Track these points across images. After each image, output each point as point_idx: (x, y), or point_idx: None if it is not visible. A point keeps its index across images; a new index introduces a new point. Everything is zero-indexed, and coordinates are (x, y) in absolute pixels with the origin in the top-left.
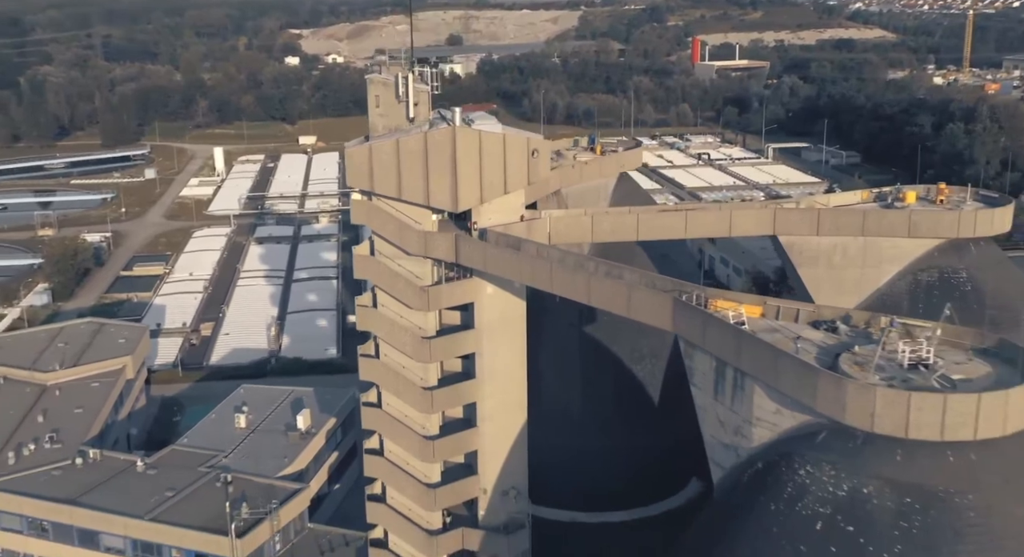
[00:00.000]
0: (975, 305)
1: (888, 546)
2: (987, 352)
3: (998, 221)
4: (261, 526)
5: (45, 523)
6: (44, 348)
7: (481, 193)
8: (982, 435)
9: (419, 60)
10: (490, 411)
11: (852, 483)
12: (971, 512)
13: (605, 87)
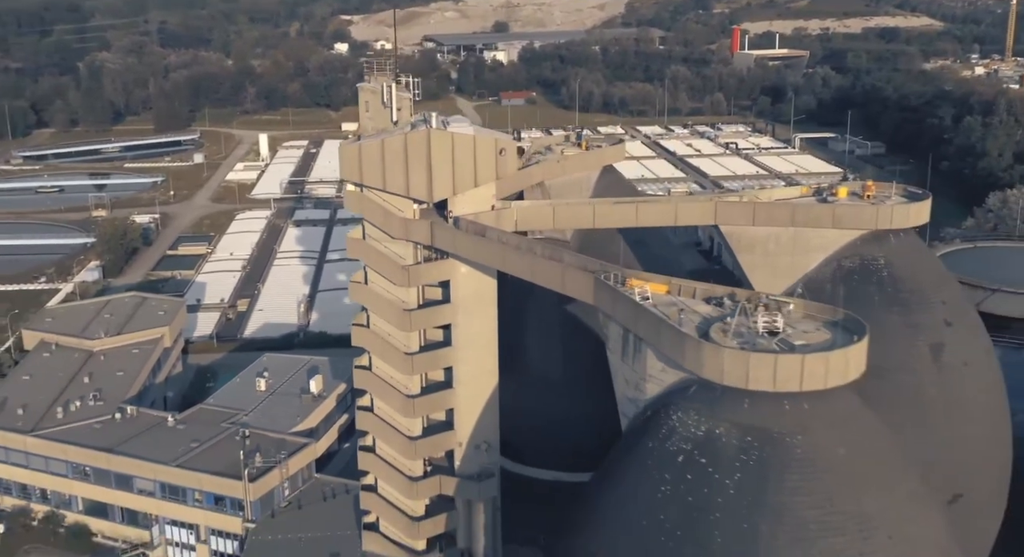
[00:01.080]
0: (889, 289)
1: (731, 474)
2: (836, 324)
3: (914, 214)
4: (271, 473)
5: (87, 468)
6: (92, 318)
7: (454, 186)
8: (807, 388)
9: (464, 47)
10: (465, 375)
11: (708, 426)
12: (798, 449)
13: (644, 76)
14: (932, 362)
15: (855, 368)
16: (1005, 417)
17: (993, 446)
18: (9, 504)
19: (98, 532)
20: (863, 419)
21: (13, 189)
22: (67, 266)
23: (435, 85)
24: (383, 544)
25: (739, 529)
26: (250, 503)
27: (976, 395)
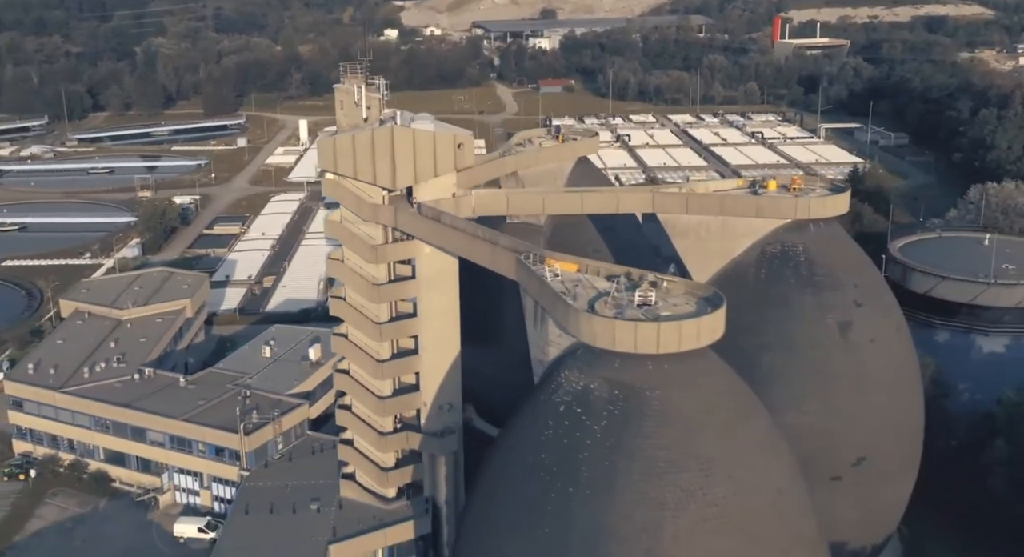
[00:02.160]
0: (805, 272)
1: (599, 421)
2: (705, 298)
3: (831, 205)
4: (265, 429)
5: (107, 421)
6: (122, 290)
7: (415, 175)
8: (663, 350)
9: (511, 34)
10: (428, 343)
11: (586, 381)
12: (655, 401)
13: (683, 64)
14: (840, 338)
15: (708, 334)
16: (914, 389)
17: (898, 415)
18: (40, 453)
19: (116, 478)
20: (716, 377)
21: (66, 170)
22: (110, 243)
23: (476, 72)
24: (358, 491)
25: (601, 466)
26: (245, 454)
27: (882, 369)
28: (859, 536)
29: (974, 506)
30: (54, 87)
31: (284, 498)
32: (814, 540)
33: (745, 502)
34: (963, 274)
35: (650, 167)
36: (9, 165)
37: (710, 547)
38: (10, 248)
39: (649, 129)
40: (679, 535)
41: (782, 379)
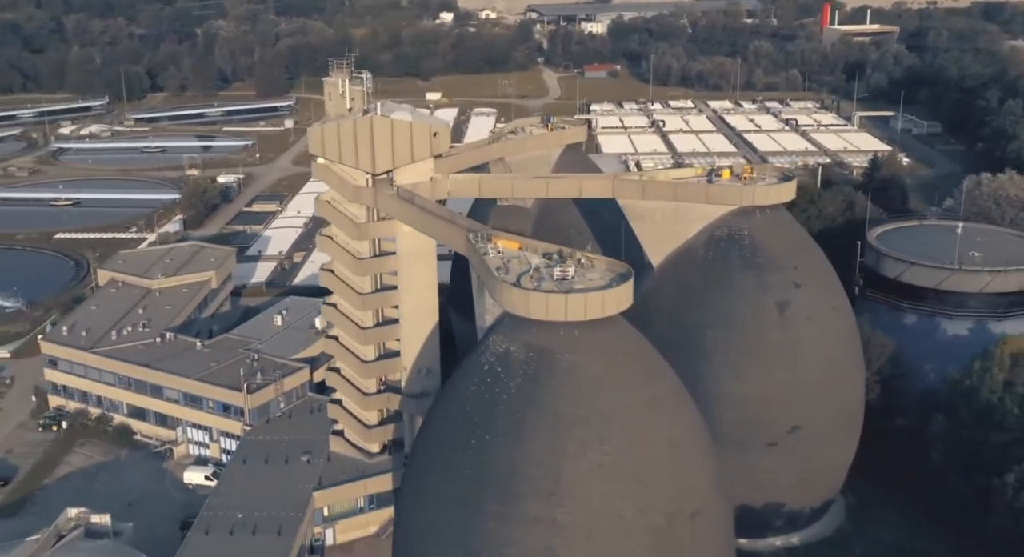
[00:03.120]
0: (748, 254)
1: (514, 379)
2: (619, 274)
3: (774, 193)
4: (267, 389)
5: (130, 379)
6: (154, 262)
7: (393, 160)
8: (571, 318)
9: (564, 18)
10: (408, 313)
11: (507, 345)
12: (564, 363)
13: (730, 50)
14: (778, 316)
15: (614, 305)
16: (852, 365)
17: (833, 388)
18: (72, 407)
19: (137, 431)
20: (623, 342)
21: (121, 148)
22: (155, 219)
23: (523, 57)
24: (345, 446)
25: (514, 418)
26: (248, 411)
27: (817, 345)
28: (796, 498)
29: (917, 477)
30: (115, 68)
31: (279, 451)
32: (709, 491)
33: (638, 452)
34: (930, 260)
35: (679, 153)
36: (68, 143)
37: (603, 490)
38: (64, 222)
39: (686, 115)
40: (576, 479)
41: (724, 352)
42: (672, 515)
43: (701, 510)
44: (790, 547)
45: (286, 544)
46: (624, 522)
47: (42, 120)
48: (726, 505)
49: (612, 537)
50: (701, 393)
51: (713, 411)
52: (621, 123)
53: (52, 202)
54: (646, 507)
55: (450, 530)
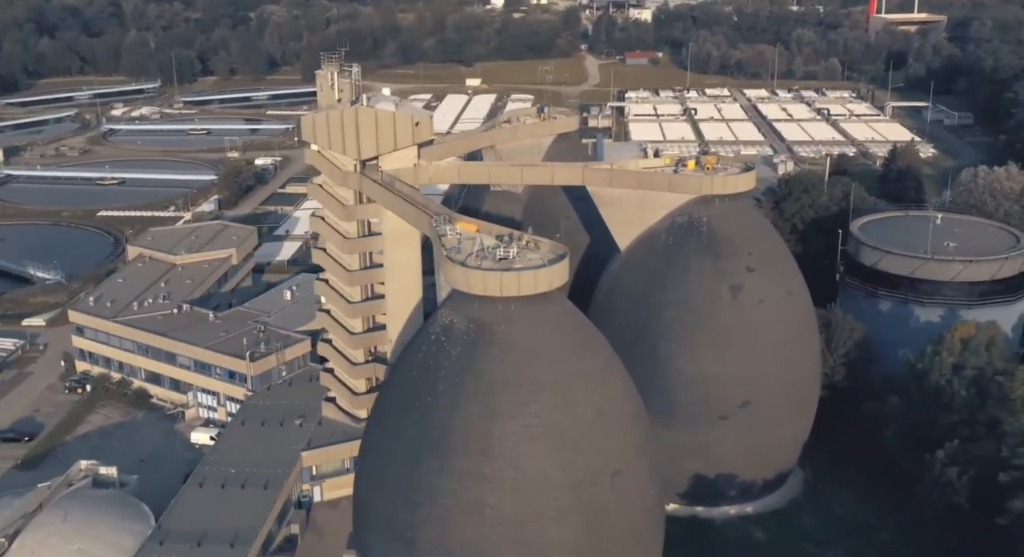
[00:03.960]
0: (706, 240)
1: (455, 347)
2: (558, 255)
3: (731, 183)
4: (268, 358)
5: (147, 347)
6: (181, 239)
7: (377, 147)
8: (506, 294)
9: (614, 4)
10: (393, 290)
11: (452, 317)
12: (500, 334)
13: (773, 37)
14: (731, 299)
15: (546, 283)
16: (804, 346)
17: (783, 367)
18: (96, 372)
19: (154, 395)
20: (558, 316)
21: (169, 130)
22: (192, 198)
23: (567, 43)
24: (336, 412)
25: (453, 382)
26: (250, 377)
27: (768, 326)
28: (749, 470)
29: (873, 455)
30: (168, 52)
31: (276, 414)
32: (633, 454)
33: (564, 416)
34: (905, 250)
35: (707, 141)
36: (119, 124)
37: (529, 448)
38: (108, 200)
39: (720, 103)
40: (505, 438)
41: (679, 331)
42: (593, 473)
43: (623, 470)
44: (744, 516)
45: (271, 497)
46: (547, 478)
47: (97, 102)
48: (652, 468)
49: (535, 490)
50: (659, 369)
51: (669, 386)
52: (654, 111)
53: (98, 181)
54: (568, 465)
55: (395, 482)
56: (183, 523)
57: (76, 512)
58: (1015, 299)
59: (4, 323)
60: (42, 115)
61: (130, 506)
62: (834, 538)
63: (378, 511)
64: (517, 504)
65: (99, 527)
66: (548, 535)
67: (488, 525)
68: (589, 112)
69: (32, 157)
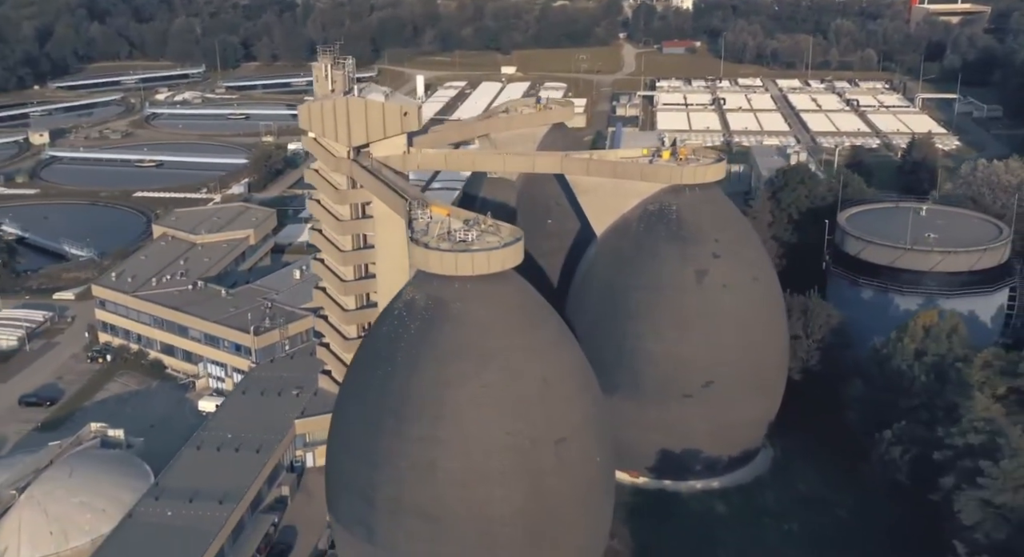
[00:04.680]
0: (674, 227)
1: (415, 322)
2: (514, 238)
3: (700, 173)
4: (272, 332)
5: (162, 320)
6: (203, 220)
7: (367, 135)
8: (461, 273)
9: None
10: (382, 270)
11: (414, 294)
12: (455, 309)
13: (814, 27)
14: (696, 283)
15: (499, 263)
16: (768, 329)
17: (745, 349)
18: (116, 343)
19: (168, 365)
20: (511, 294)
21: (209, 115)
22: (224, 181)
23: (604, 32)
24: (331, 384)
25: (411, 352)
26: (254, 350)
27: (731, 310)
28: (713, 447)
29: (840, 436)
30: (214, 38)
31: (275, 385)
32: (579, 423)
33: (511, 386)
34: (885, 239)
35: (732, 130)
36: (162, 108)
37: (478, 415)
38: (145, 181)
39: (751, 93)
40: (456, 405)
41: (647, 313)
42: (537, 440)
43: (567, 438)
44: (709, 490)
45: (262, 460)
46: (494, 442)
47: (142, 86)
48: (600, 437)
49: (482, 454)
50: (627, 349)
51: (636, 365)
52: (684, 100)
53: (137, 163)
54: (514, 432)
55: (359, 445)
56: (179, 481)
57: (81, 469)
58: (993, 290)
59: (37, 296)
60: (89, 98)
61: (132, 465)
62: (793, 512)
63: (344, 471)
64: (465, 466)
65: (101, 483)
66: (494, 495)
67: (439, 485)
68: (618, 101)
69: (77, 139)
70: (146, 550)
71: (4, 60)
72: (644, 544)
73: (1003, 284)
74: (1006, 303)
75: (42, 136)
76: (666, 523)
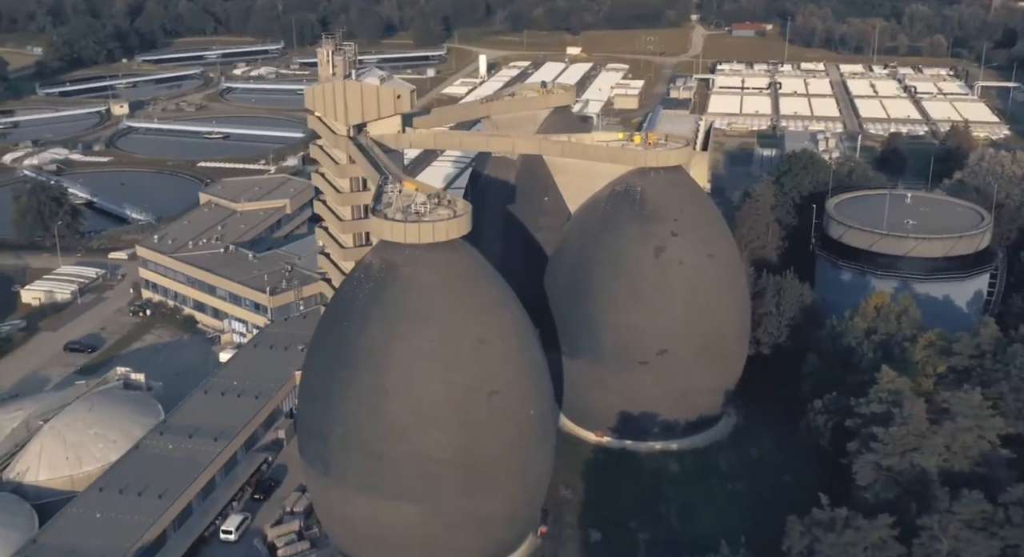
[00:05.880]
0: (637, 207)
1: (369, 283)
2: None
3: (663, 157)
4: (287, 293)
5: (194, 279)
6: (246, 189)
7: (363, 116)
8: (409, 240)
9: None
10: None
11: (374, 259)
12: (403, 273)
13: (890, 11)
14: (653, 259)
15: (444, 233)
16: (724, 303)
17: (698, 321)
18: (156, 299)
19: (199, 321)
20: (458, 261)
21: (279, 89)
22: (281, 153)
23: (676, 14)
24: None
25: (364, 311)
26: (270, 309)
27: (686, 285)
28: (669, 411)
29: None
30: (292, 15)
31: (284, 341)
32: (512, 378)
33: (449, 343)
34: (863, 224)
35: (782, 115)
36: (237, 83)
37: (419, 367)
38: (211, 152)
39: (811, 77)
40: (400, 358)
41: (607, 285)
42: (471, 391)
43: (500, 391)
44: (667, 451)
45: (259, 405)
46: (431, 391)
47: (221, 61)
48: (536, 391)
49: (422, 402)
50: (589, 318)
51: (597, 333)
52: (741, 84)
53: (206, 135)
54: (450, 383)
55: (318, 391)
56: (183, 420)
57: (100, 405)
58: (966, 276)
59: (95, 255)
60: (172, 72)
61: (147, 405)
62: (740, 475)
63: (307, 414)
64: (406, 412)
65: (116, 418)
66: (431, 438)
67: (383, 427)
68: (674, 83)
69: (154, 111)
70: (146, 476)
71: (95, 34)
72: (594, 495)
73: (978, 271)
74: (986, 289)
75: (122, 107)
76: (620, 479)
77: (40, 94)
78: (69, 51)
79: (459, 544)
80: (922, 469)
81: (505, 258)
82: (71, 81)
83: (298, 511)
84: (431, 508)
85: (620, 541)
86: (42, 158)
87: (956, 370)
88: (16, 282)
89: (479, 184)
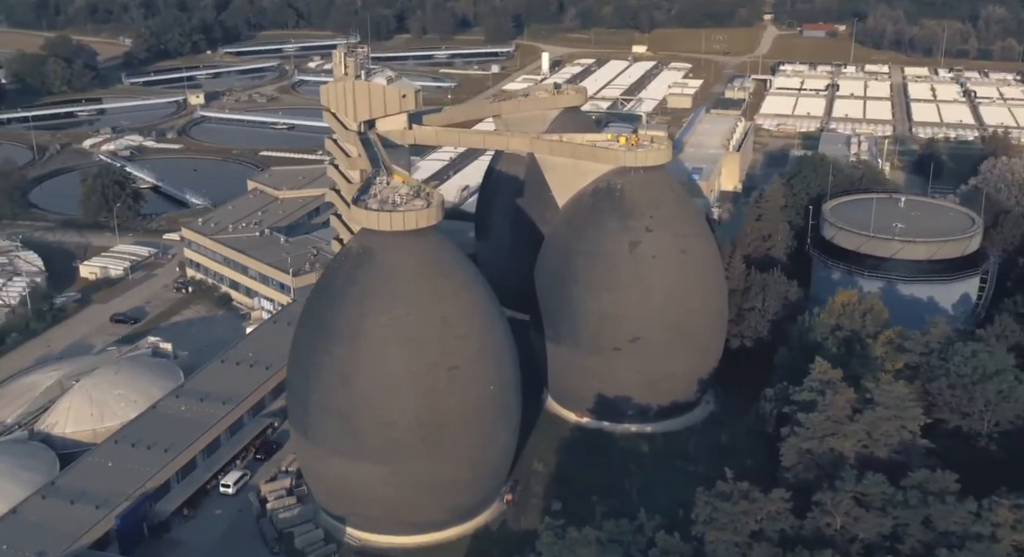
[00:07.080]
0: (616, 203)
1: (348, 266)
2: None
3: (642, 157)
4: (309, 274)
5: (229, 259)
6: (290, 178)
7: (370, 113)
8: (381, 228)
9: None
10: None
11: (356, 246)
12: (378, 258)
13: (968, 13)
14: (628, 253)
15: (414, 222)
16: (697, 296)
17: (670, 311)
18: (197, 277)
19: (234, 298)
20: (429, 248)
21: None
22: None
23: (747, 13)
24: None
25: (344, 292)
26: (292, 289)
27: (658, 277)
28: (643, 395)
29: None
30: (369, 11)
31: None
32: (471, 356)
33: (413, 322)
34: (852, 226)
35: (833, 117)
36: (309, 76)
37: (385, 342)
38: (274, 142)
39: (872, 80)
40: (369, 333)
41: (586, 276)
42: (432, 366)
43: (459, 367)
44: (641, 433)
45: (269, 374)
46: (396, 364)
47: (299, 54)
48: (498, 368)
49: (387, 374)
50: (568, 305)
51: (575, 320)
52: (800, 85)
53: (272, 126)
54: (413, 358)
55: (302, 361)
56: (199, 386)
57: (126, 370)
58: (951, 279)
59: (151, 235)
60: (251, 64)
61: (170, 371)
62: (705, 458)
63: (293, 382)
64: (374, 382)
65: (140, 381)
66: (396, 405)
67: (353, 395)
68: (731, 83)
69: (228, 101)
70: (157, 433)
71: (182, 26)
72: (564, 470)
73: (964, 274)
74: (975, 293)
75: (198, 97)
76: (591, 456)
77: (126, 84)
78: (156, 42)
79: (422, 504)
80: (840, 453)
81: (513, 247)
82: (155, 71)
83: (291, 471)
84: (395, 469)
85: (578, 511)
86: (118, 144)
87: (909, 366)
88: (77, 258)
89: (492, 179)
